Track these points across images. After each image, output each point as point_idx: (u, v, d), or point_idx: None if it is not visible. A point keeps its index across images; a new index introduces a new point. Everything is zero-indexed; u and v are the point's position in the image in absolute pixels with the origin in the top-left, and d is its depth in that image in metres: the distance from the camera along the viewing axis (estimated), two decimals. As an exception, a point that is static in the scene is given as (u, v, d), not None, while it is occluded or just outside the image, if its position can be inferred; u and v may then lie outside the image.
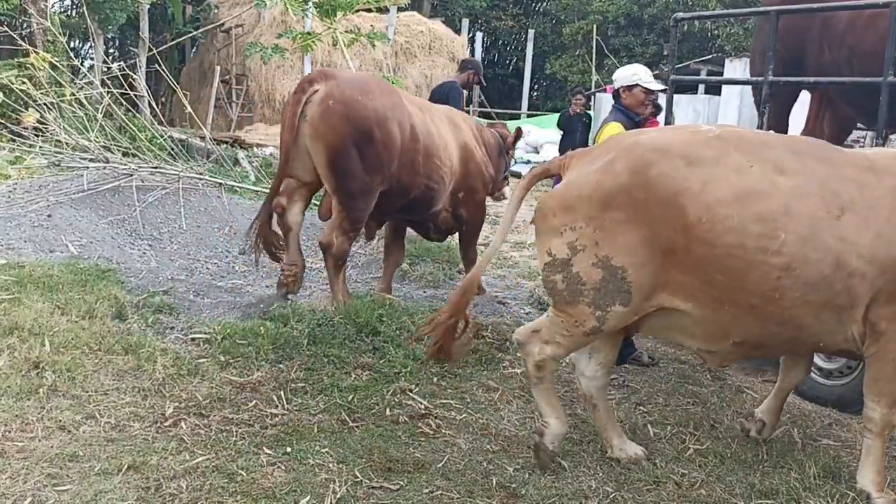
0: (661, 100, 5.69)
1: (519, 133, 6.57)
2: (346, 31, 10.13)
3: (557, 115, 12.83)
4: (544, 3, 28.58)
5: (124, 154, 7.78)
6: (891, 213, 3.24)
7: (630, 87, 4.72)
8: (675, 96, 5.44)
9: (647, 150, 3.35)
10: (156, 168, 7.34)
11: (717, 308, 3.36)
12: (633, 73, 4.77)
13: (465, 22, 24.41)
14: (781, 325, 3.35)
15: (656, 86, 4.80)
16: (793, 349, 3.72)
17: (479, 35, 25.59)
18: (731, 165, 3.30)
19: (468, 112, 12.93)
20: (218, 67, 18.95)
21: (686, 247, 3.28)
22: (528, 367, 3.65)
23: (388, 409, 4.11)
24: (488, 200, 6.26)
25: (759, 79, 4.94)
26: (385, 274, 6.02)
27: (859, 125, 6.08)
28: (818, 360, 4.64)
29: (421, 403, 4.21)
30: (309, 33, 10.43)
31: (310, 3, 9.55)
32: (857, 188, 3.28)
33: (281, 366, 4.51)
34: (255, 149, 15.53)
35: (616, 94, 4.79)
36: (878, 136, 4.54)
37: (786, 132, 5.60)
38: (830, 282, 3.22)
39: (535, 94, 27.22)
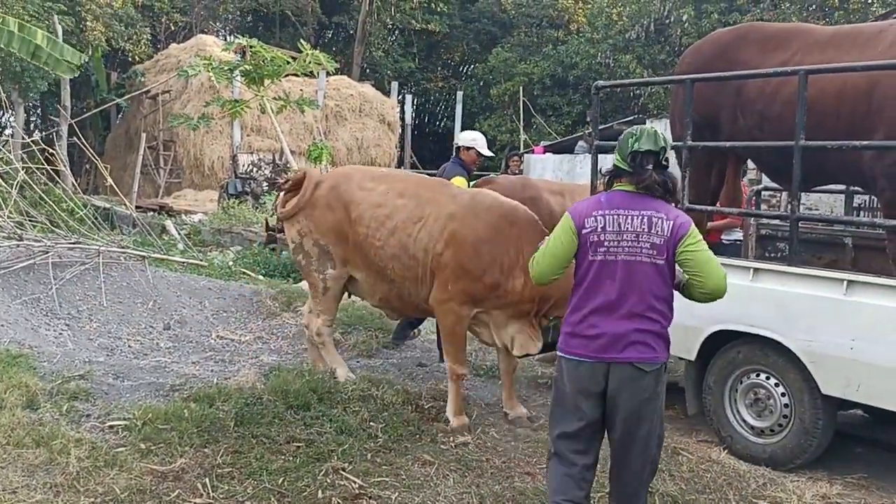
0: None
1: None
2: (275, 98, 10.11)
3: (494, 175, 12.91)
4: (471, 66, 29.27)
5: (41, 230, 7.46)
6: None
7: (468, 148, 5.94)
8: (601, 155, 5.69)
9: None
10: (75, 244, 7.05)
11: None
12: (473, 139, 6.00)
13: (395, 84, 24.78)
14: None
15: (487, 152, 6.12)
16: None
17: (408, 97, 25.96)
18: None
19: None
20: (144, 134, 18.65)
21: None
22: None
23: (320, 492, 3.94)
24: None
25: (679, 143, 5.09)
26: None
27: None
28: (749, 418, 4.70)
29: (355, 483, 4.06)
30: (237, 101, 10.36)
31: (236, 73, 9.52)
32: None
33: (206, 450, 4.30)
34: (183, 215, 15.24)
35: (457, 150, 6.02)
36: (792, 196, 4.69)
37: (709, 192, 5.78)
38: None
39: (466, 153, 27.62)
